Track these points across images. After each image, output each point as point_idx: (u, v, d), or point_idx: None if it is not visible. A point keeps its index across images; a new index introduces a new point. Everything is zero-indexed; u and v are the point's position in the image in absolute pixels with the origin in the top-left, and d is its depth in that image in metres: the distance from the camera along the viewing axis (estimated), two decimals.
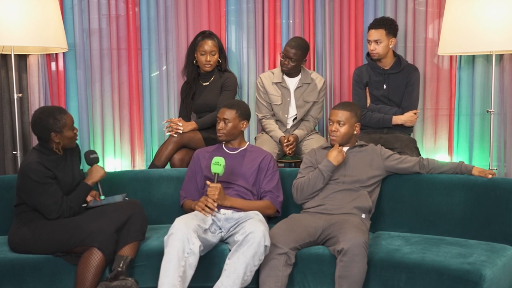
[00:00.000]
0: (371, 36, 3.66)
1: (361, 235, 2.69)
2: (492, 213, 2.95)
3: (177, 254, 2.65)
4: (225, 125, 3.12)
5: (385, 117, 3.70)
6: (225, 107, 3.16)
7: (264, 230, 2.71)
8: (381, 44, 3.64)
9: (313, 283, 2.79)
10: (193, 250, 2.68)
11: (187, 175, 3.24)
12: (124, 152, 4.26)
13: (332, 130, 3.10)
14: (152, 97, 4.26)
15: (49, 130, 2.82)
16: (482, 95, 4.07)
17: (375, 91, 3.76)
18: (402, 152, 3.52)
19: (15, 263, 2.79)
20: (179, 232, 2.69)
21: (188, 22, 4.17)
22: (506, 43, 3.56)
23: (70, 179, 2.93)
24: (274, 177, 3.14)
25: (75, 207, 2.86)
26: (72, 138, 2.90)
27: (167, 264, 2.65)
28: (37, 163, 2.78)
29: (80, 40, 4.12)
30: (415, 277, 2.65)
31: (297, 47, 3.71)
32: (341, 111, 3.09)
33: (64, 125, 2.84)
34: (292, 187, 3.13)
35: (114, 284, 2.68)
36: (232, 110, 3.12)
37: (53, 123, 2.81)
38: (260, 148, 3.30)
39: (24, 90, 4.03)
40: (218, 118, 3.16)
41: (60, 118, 2.83)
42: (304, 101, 3.82)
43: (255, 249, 2.65)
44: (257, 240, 2.66)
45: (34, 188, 2.78)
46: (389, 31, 3.65)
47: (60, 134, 2.84)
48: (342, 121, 3.07)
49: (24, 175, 2.79)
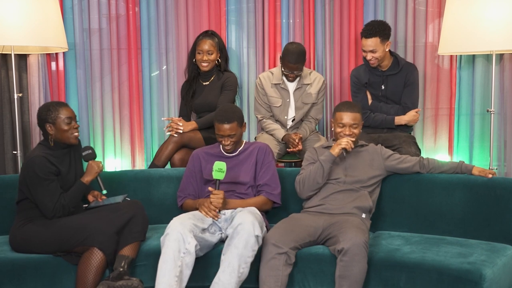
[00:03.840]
0: (365, 47, 3.58)
1: (361, 235, 2.69)
2: (492, 213, 2.95)
3: (173, 254, 2.66)
4: (231, 138, 3.05)
5: (388, 118, 3.69)
6: (224, 123, 3.00)
7: (253, 219, 2.73)
8: (377, 52, 3.58)
9: (313, 282, 2.79)
10: (188, 249, 2.69)
11: (185, 175, 3.23)
12: (124, 152, 4.26)
13: (345, 134, 3.04)
14: (152, 97, 4.26)
15: (43, 121, 2.88)
16: (482, 94, 4.07)
17: (374, 91, 3.75)
18: (401, 147, 3.52)
19: (15, 263, 2.79)
20: (174, 232, 2.70)
21: (188, 22, 4.17)
22: (506, 43, 3.56)
23: (73, 176, 2.96)
24: (270, 168, 3.12)
25: (69, 205, 2.85)
26: (66, 131, 2.89)
27: (163, 264, 2.66)
28: (42, 157, 2.80)
29: (80, 39, 4.12)
30: (415, 277, 2.65)
31: (298, 60, 3.64)
32: (352, 114, 3.04)
33: (57, 116, 2.87)
34: (295, 183, 3.12)
35: (119, 284, 2.68)
36: (232, 124, 3.02)
37: (46, 114, 2.88)
38: (256, 142, 3.29)
39: (24, 89, 4.03)
40: (219, 135, 3.05)
41: (54, 110, 2.88)
42: (302, 103, 3.82)
43: (246, 239, 2.67)
44: (246, 230, 2.68)
45: (35, 182, 2.79)
46: (383, 38, 3.57)
47: (54, 125, 2.87)
48: (355, 124, 3.04)
49: (28, 169, 2.80)
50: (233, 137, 3.06)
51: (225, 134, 3.04)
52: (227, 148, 3.10)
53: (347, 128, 3.04)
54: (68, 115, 2.90)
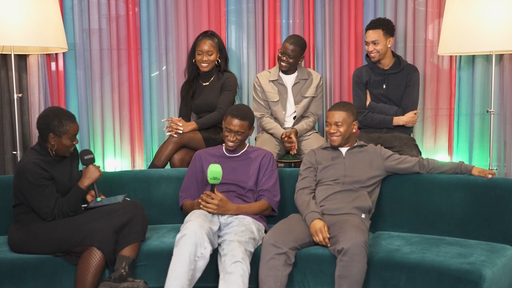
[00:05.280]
0: (368, 37, 3.65)
1: (361, 235, 2.69)
2: (492, 213, 2.95)
3: (189, 257, 2.64)
4: (238, 136, 3.07)
5: (386, 118, 3.70)
6: (237, 118, 3.04)
7: (243, 253, 2.68)
8: (379, 44, 3.63)
9: (313, 283, 2.79)
10: (204, 254, 2.68)
11: (187, 175, 3.23)
12: (124, 152, 4.26)
13: (331, 132, 3.09)
14: (152, 97, 4.26)
15: (49, 130, 2.82)
16: (482, 95, 4.07)
17: (375, 91, 3.76)
18: (401, 150, 3.52)
19: (15, 263, 2.79)
20: (193, 235, 2.67)
21: (188, 22, 4.17)
22: (506, 43, 3.55)
23: (67, 180, 2.93)
24: (273, 176, 3.14)
25: (67, 210, 2.85)
26: (68, 147, 2.88)
27: (178, 267, 2.64)
28: (33, 163, 2.77)
29: (80, 40, 4.12)
30: (415, 277, 2.65)
31: (295, 44, 3.75)
32: (338, 112, 3.09)
33: (66, 132, 2.83)
34: (295, 193, 3.11)
35: (124, 285, 2.67)
36: (245, 122, 3.06)
37: (56, 125, 2.81)
38: (260, 148, 3.30)
39: (24, 90, 4.03)
40: (228, 128, 3.06)
41: (65, 124, 2.83)
42: (302, 96, 3.84)
43: (242, 276, 2.64)
44: (240, 267, 2.64)
45: (29, 189, 2.78)
46: (386, 31, 3.64)
47: (58, 138, 2.83)
48: (339, 122, 3.07)
49: (20, 175, 2.79)
50: (240, 136, 3.08)
51: (234, 130, 3.05)
52: (230, 145, 3.10)
53: (332, 126, 3.08)
54: (75, 133, 2.88)
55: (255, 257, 2.79)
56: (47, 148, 2.87)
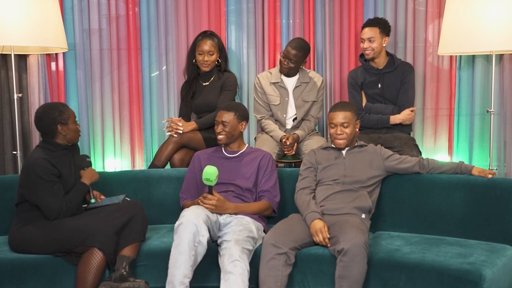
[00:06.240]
0: (364, 34, 3.67)
1: (361, 235, 2.69)
2: (492, 213, 2.95)
3: (188, 245, 2.67)
4: (224, 127, 3.12)
5: (383, 117, 3.71)
6: (223, 110, 3.16)
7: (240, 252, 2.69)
8: (374, 42, 3.65)
9: (313, 283, 2.79)
10: (201, 241, 2.70)
11: (187, 177, 3.24)
12: (124, 152, 4.26)
13: (337, 134, 3.07)
14: (152, 97, 4.26)
15: (56, 123, 2.87)
16: (482, 95, 4.07)
17: (370, 91, 3.77)
18: (402, 150, 3.53)
19: (15, 263, 2.79)
20: (189, 224, 2.70)
21: (188, 22, 4.17)
22: (506, 43, 3.55)
23: (73, 177, 2.96)
24: (272, 177, 3.15)
25: (73, 207, 2.87)
26: (76, 131, 2.97)
27: (178, 256, 2.67)
28: (43, 159, 2.80)
29: (80, 40, 4.12)
30: (415, 277, 2.65)
31: (298, 49, 3.70)
32: (342, 112, 3.07)
33: (68, 117, 2.92)
34: (295, 193, 3.11)
35: (125, 285, 2.68)
36: (230, 112, 3.13)
37: (58, 115, 2.88)
38: (259, 149, 3.31)
39: (24, 90, 4.03)
40: (216, 121, 3.16)
41: (64, 110, 2.92)
42: (303, 101, 3.82)
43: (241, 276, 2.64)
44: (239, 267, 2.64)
45: (38, 185, 2.79)
46: (382, 30, 3.66)
47: (66, 126, 2.90)
48: (346, 123, 3.06)
49: (30, 171, 2.80)
50: (226, 127, 3.11)
51: (219, 120, 3.12)
52: (219, 138, 3.14)
53: (338, 127, 3.06)
54: (74, 116, 2.98)
55: (255, 257, 2.79)
56: (53, 144, 2.90)
